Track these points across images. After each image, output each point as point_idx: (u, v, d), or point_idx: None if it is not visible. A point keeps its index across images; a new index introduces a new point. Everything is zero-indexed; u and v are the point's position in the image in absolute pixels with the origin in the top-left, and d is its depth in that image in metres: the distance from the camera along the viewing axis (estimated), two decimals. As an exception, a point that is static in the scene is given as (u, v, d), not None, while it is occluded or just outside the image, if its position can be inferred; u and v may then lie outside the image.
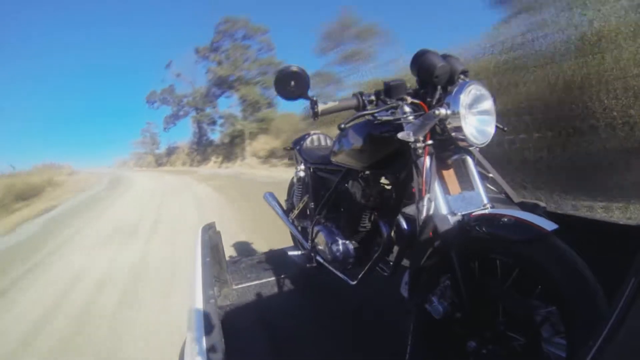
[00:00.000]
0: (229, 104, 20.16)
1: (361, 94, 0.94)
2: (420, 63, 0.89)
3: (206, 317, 1.00)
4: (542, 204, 0.91)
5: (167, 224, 5.40)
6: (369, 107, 0.93)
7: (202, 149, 24.57)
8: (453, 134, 0.86)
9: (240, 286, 1.62)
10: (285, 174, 9.47)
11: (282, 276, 1.72)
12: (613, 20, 4.25)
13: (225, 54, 19.61)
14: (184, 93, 24.02)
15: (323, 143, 1.75)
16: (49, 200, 10.49)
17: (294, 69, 0.91)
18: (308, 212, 1.64)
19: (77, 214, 7.98)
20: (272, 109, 17.60)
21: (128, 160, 47.50)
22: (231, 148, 19.71)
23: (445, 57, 0.92)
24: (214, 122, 23.02)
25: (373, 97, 0.95)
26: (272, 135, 15.36)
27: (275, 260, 1.95)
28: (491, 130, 0.89)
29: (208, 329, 0.93)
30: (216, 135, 22.72)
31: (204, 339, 0.88)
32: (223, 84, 20.22)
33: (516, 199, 0.91)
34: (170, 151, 30.67)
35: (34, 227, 6.88)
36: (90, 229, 5.78)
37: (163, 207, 7.26)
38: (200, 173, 17.12)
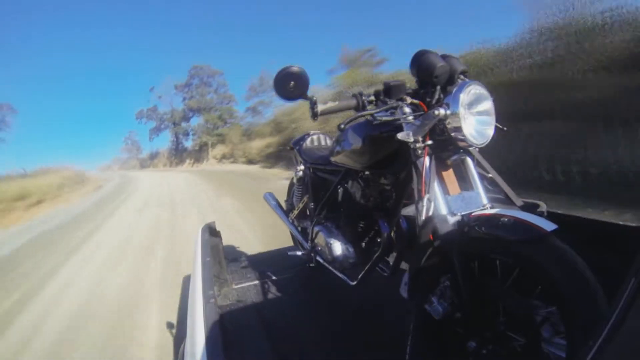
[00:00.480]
0: (197, 122, 30.28)
1: (361, 94, 0.94)
2: (420, 63, 0.89)
3: (206, 316, 1.00)
4: (543, 204, 0.91)
5: (171, 183, 12.74)
6: (368, 107, 0.93)
7: (179, 154, 32.33)
8: (452, 134, 0.86)
9: (240, 286, 1.62)
10: (227, 167, 19.79)
11: (282, 276, 1.72)
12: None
13: (195, 90, 29.78)
14: (165, 111, 32.78)
15: (323, 143, 1.75)
16: (95, 184, 15.77)
17: (294, 69, 0.90)
18: (308, 213, 1.64)
19: (125, 185, 14.65)
20: (230, 125, 26.70)
21: (111, 165, 51.39)
22: (200, 153, 28.14)
23: (444, 57, 0.92)
24: (187, 134, 31.82)
25: (372, 98, 0.95)
26: (225, 144, 23.97)
27: (275, 260, 1.95)
28: (491, 130, 0.89)
29: (208, 328, 0.93)
30: (189, 143, 31.64)
31: (204, 339, 0.88)
32: (194, 109, 29.94)
33: (516, 199, 0.91)
34: (153, 156, 38.20)
35: (110, 187, 14.57)
36: (141, 187, 12.93)
37: (167, 180, 14.35)
38: (178, 170, 25.39)
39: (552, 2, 5.57)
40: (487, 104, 0.88)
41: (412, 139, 0.88)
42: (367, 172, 1.22)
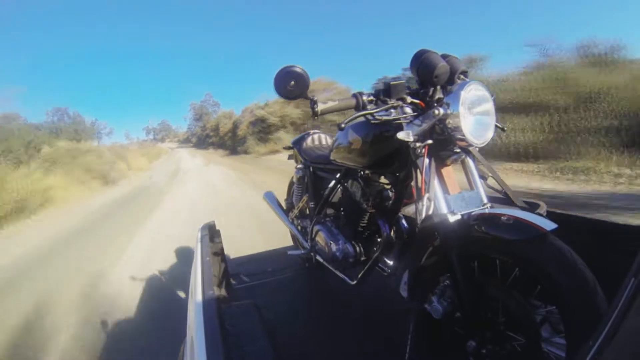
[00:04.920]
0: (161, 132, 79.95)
1: (361, 93, 0.94)
2: (420, 63, 0.89)
3: (206, 317, 1.00)
4: (542, 204, 0.91)
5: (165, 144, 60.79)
6: (368, 106, 0.93)
7: (155, 140, 72.59)
8: (453, 133, 0.86)
9: (240, 286, 1.62)
10: (171, 142, 68.72)
11: (282, 276, 1.72)
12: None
13: (160, 126, 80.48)
14: (154, 127, 78.72)
15: (323, 142, 1.74)
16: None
17: (295, 68, 0.90)
18: (308, 212, 1.64)
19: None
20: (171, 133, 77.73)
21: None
22: (162, 139, 74.45)
23: (445, 56, 0.92)
24: (158, 134, 77.46)
25: (373, 97, 0.95)
26: (170, 138, 75.61)
27: (276, 260, 1.95)
28: (491, 130, 0.89)
29: (208, 329, 0.93)
30: (159, 136, 78.00)
31: (204, 339, 0.88)
32: (160, 130, 78.96)
33: (516, 198, 0.91)
34: (145, 141, 74.67)
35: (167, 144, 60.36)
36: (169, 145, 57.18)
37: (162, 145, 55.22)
38: (158, 144, 58.11)
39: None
40: (487, 104, 0.88)
41: (412, 139, 0.88)
42: (367, 172, 1.22)
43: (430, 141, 0.88)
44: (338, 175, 1.37)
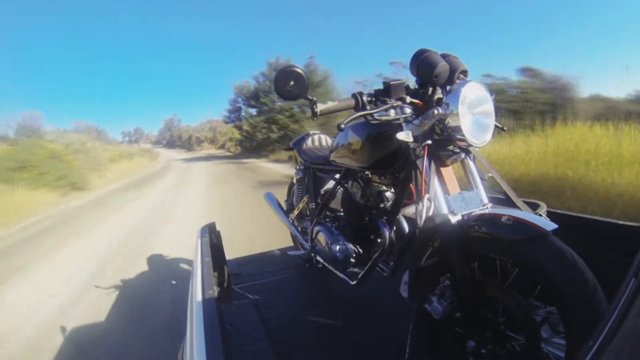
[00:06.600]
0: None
1: (360, 93, 0.94)
2: (420, 62, 0.89)
3: (206, 317, 1.00)
4: (542, 204, 0.91)
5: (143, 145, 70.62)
6: (368, 106, 0.93)
7: (132, 142, 77.56)
8: (452, 133, 0.86)
9: (240, 286, 1.62)
10: (145, 144, 73.80)
11: (282, 276, 1.72)
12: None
13: (135, 133, 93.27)
14: (129, 130, 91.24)
15: (323, 143, 1.74)
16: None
17: (295, 69, 0.90)
18: (308, 213, 1.64)
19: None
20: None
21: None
22: (137, 141, 79.40)
23: (444, 56, 0.92)
24: (133, 137, 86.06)
25: (372, 97, 0.95)
26: (144, 140, 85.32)
27: (276, 260, 1.95)
28: (490, 129, 0.89)
29: (208, 329, 0.93)
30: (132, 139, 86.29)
31: (203, 339, 0.88)
32: (135, 135, 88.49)
33: (516, 199, 0.91)
34: (122, 144, 78.51)
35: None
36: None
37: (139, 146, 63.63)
38: (139, 145, 63.68)
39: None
40: (487, 104, 0.87)
41: (411, 139, 0.88)
42: (367, 172, 1.22)
43: (429, 141, 0.88)
44: (338, 176, 1.37)
